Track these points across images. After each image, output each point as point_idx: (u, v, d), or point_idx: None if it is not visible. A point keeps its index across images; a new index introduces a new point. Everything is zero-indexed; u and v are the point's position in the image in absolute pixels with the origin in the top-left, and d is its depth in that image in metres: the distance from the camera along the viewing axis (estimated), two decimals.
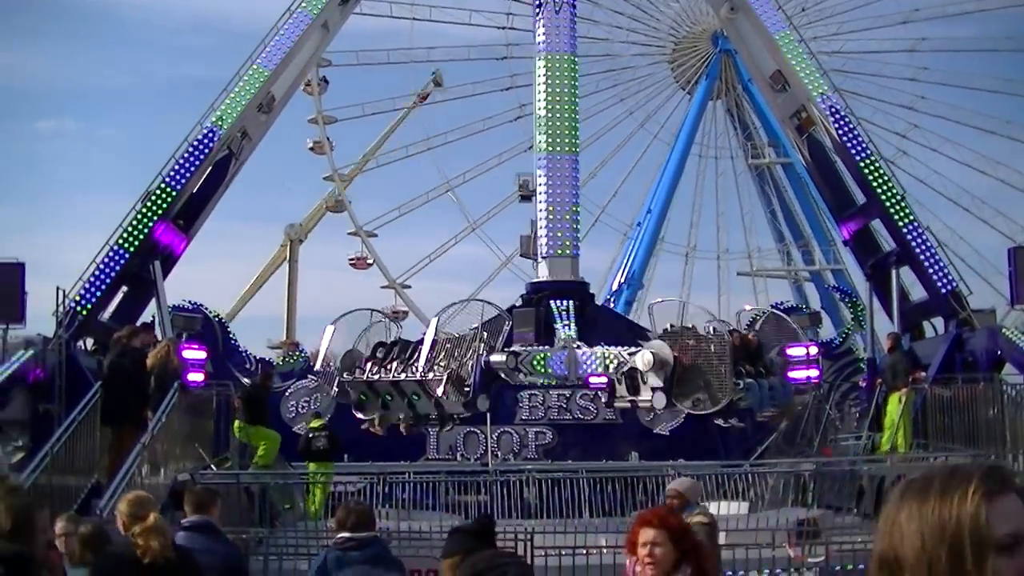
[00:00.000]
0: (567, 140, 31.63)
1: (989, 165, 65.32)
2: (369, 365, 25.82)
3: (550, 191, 31.12)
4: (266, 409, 25.13)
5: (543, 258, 31.84)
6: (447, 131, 66.47)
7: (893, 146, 63.22)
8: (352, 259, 66.94)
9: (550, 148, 31.34)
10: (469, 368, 24.12)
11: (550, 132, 31.35)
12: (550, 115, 31.46)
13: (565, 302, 30.20)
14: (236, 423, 24.23)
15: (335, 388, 26.21)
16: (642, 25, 68.22)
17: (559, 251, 31.27)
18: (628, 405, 25.49)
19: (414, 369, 24.56)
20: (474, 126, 66.93)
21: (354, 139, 78.56)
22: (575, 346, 25.43)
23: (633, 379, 21.99)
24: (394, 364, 25.34)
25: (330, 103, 64.78)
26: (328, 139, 64.44)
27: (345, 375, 25.99)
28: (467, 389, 24.06)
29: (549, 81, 31.55)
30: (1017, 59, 67.78)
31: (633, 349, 24.09)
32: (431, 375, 24.17)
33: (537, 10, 32.34)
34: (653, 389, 21.70)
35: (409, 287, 66.57)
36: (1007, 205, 66.17)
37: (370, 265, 65.99)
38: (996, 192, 66.30)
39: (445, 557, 7.47)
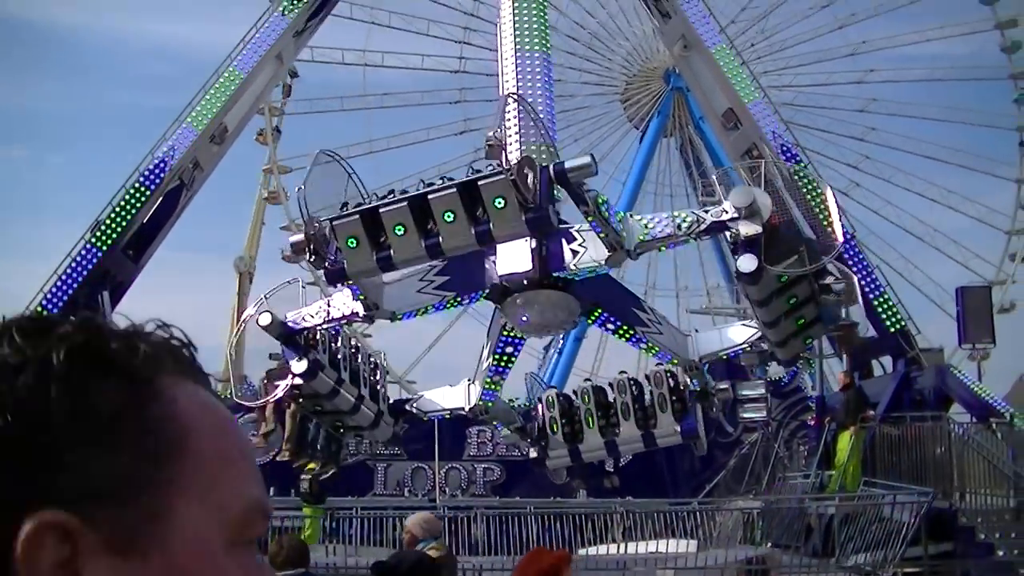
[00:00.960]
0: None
1: (941, 194, 65.81)
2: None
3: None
4: None
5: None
6: (403, 178, 66.12)
7: (846, 178, 63.68)
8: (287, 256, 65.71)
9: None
10: None
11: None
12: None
13: None
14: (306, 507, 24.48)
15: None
16: (594, 64, 68.39)
17: None
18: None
19: None
20: (429, 172, 66.68)
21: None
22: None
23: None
24: None
25: (284, 152, 64.63)
26: (283, 188, 64.08)
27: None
28: None
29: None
30: (964, 88, 68.65)
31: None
32: None
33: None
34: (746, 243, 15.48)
35: (414, 382, 65.95)
36: (960, 234, 66.74)
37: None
38: (949, 221, 66.88)
39: None
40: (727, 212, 14.61)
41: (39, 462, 1.28)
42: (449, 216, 14.04)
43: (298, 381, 16.02)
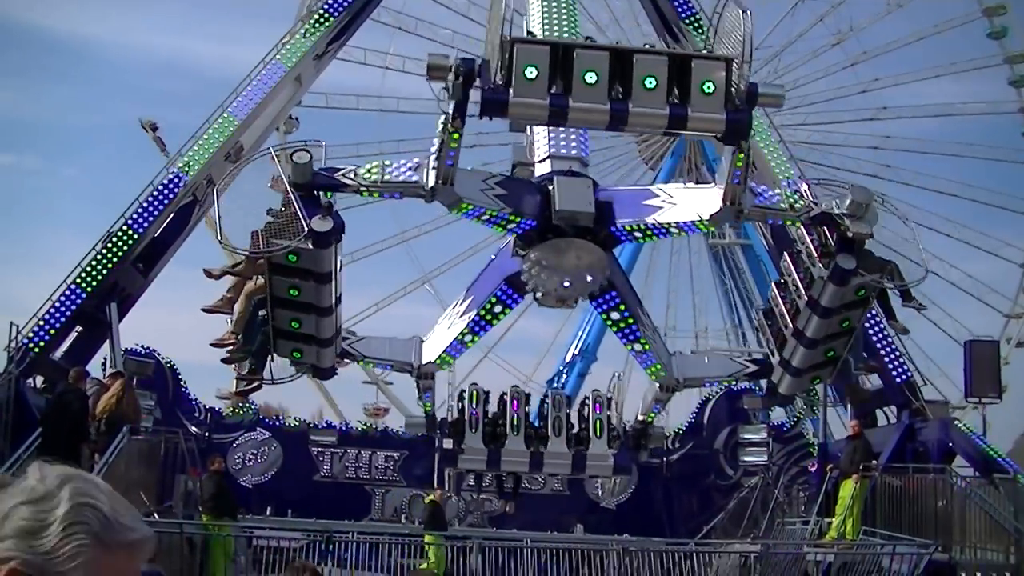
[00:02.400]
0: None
1: (942, 266, 65.52)
2: None
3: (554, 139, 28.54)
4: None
5: (539, 162, 28.75)
6: (422, 223, 66.44)
7: None
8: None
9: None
10: None
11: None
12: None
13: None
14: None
15: None
16: None
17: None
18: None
19: None
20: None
21: None
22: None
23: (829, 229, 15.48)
24: None
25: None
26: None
27: None
28: None
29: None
30: (976, 164, 68.59)
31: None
32: None
33: None
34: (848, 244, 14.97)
35: (391, 383, 65.89)
36: (956, 306, 66.70)
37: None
38: (946, 293, 66.84)
39: None
40: (841, 207, 14.07)
41: None
42: (651, 82, 12.51)
43: (305, 246, 13.43)
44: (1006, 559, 23.32)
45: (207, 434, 31.20)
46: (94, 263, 28.95)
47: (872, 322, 30.63)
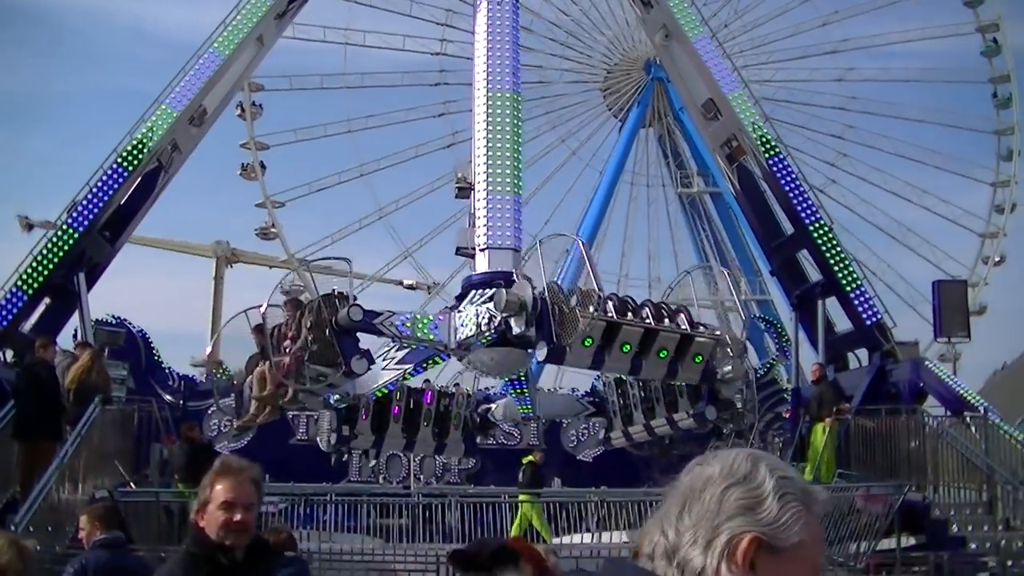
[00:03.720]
0: (509, 181, 31.03)
1: (916, 194, 66.09)
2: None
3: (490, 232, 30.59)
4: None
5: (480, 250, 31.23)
6: (380, 158, 66.25)
7: (823, 175, 63.79)
8: (258, 229, 65.61)
9: (491, 189, 30.50)
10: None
11: (491, 173, 30.51)
12: (492, 156, 30.39)
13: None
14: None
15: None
16: (575, 52, 68.32)
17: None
18: None
19: None
20: (406, 153, 66.81)
21: (287, 165, 78.21)
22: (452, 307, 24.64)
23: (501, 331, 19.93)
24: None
25: (262, 129, 64.40)
26: (261, 163, 63.96)
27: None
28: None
29: (491, 122, 30.64)
30: (943, 89, 68.93)
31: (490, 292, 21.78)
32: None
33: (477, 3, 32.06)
34: (521, 338, 19.35)
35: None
36: (934, 234, 67.03)
37: (275, 236, 65.12)
38: (923, 221, 67.20)
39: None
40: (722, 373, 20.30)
41: None
42: (663, 353, 18.70)
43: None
44: (979, 496, 23.50)
45: (181, 402, 31.13)
46: (60, 233, 28.81)
47: (841, 264, 30.78)
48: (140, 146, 30.13)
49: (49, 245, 28.56)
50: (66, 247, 28.63)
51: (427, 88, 66.01)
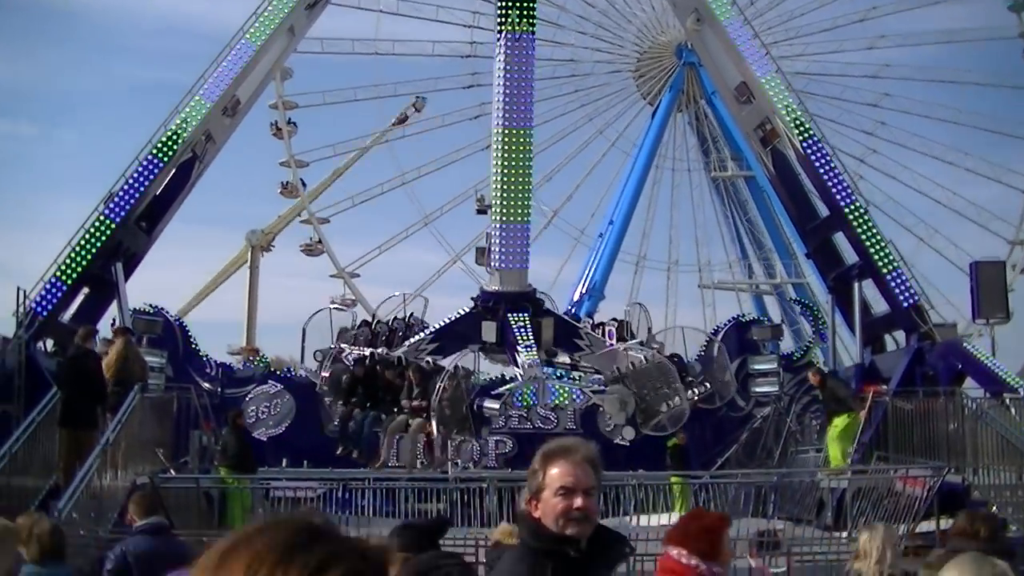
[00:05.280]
0: (520, 211, 32.68)
1: (944, 194, 65.72)
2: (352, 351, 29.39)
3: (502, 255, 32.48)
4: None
5: (496, 269, 33.00)
6: (419, 166, 66.99)
7: (852, 170, 63.36)
8: (304, 245, 66.84)
9: (504, 219, 32.43)
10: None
11: (504, 203, 32.34)
12: (505, 189, 32.40)
13: (522, 316, 31.70)
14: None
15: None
16: (608, 33, 68.30)
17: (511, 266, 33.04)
18: None
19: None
20: (433, 121, 67.50)
21: (315, 128, 78.74)
22: (544, 377, 28.92)
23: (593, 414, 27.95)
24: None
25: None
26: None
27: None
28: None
29: (506, 156, 32.34)
30: (977, 91, 68.28)
31: (597, 388, 29.13)
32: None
33: (497, 37, 32.91)
34: (617, 425, 27.82)
35: (358, 275, 66.81)
36: (960, 235, 66.60)
37: (322, 252, 66.12)
38: (950, 220, 66.70)
39: (400, 551, 7.38)
40: None
41: None
42: None
43: None
44: (1019, 478, 23.36)
45: (219, 389, 31.27)
46: (97, 224, 29.00)
47: (878, 246, 30.67)
48: (175, 137, 30.30)
49: (87, 236, 28.75)
50: (103, 238, 28.82)
51: (461, 92, 66.32)
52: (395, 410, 27.48)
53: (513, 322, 32.19)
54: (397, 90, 66.89)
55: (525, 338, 31.83)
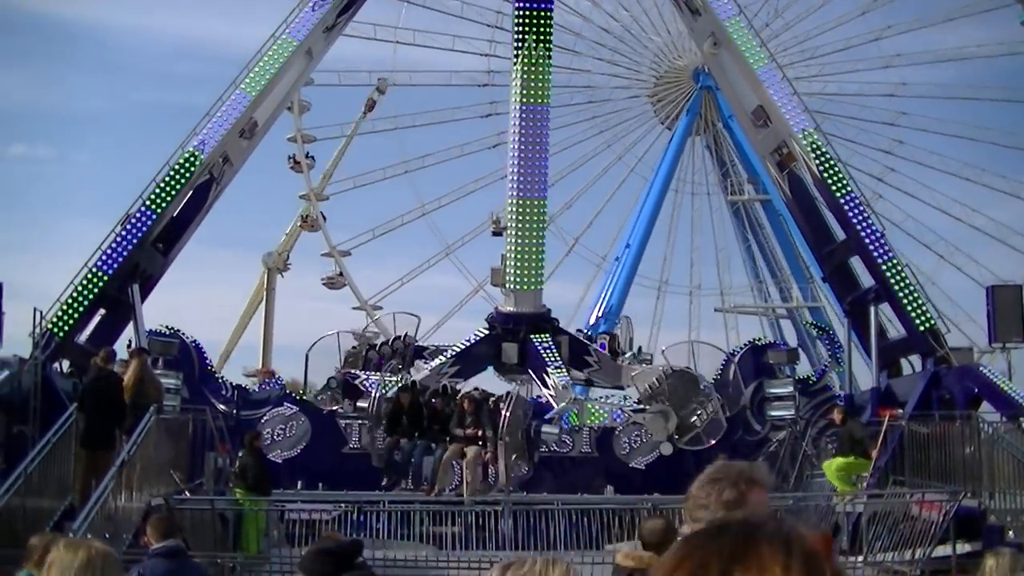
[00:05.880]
0: (535, 231, 32.83)
1: (964, 212, 65.59)
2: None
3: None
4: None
5: (512, 290, 33.15)
6: (425, 155, 66.83)
7: (870, 189, 63.40)
8: (326, 278, 66.92)
9: (518, 285, 32.56)
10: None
11: (518, 270, 32.58)
12: (519, 256, 32.66)
13: (545, 336, 31.85)
14: None
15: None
16: (624, 58, 68.44)
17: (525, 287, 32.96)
18: None
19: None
20: (452, 151, 67.33)
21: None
22: (582, 398, 30.00)
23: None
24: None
25: (310, 122, 65.14)
26: (309, 155, 64.76)
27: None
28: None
29: (520, 226, 32.64)
30: (994, 108, 68.25)
31: (638, 406, 30.28)
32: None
33: (514, 60, 33.13)
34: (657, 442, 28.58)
35: (380, 308, 66.75)
36: (980, 252, 66.45)
37: (344, 285, 66.20)
38: (970, 238, 66.57)
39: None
40: None
41: None
42: None
43: None
44: None
45: (235, 411, 31.31)
46: (114, 245, 29.09)
47: (894, 269, 30.63)
48: (192, 159, 30.41)
49: (103, 257, 28.83)
50: (120, 259, 28.91)
51: (474, 88, 66.35)
52: (447, 439, 27.22)
53: (538, 342, 32.28)
54: (415, 120, 66.95)
55: (554, 358, 31.90)
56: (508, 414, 26.76)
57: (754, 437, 31.56)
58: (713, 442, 29.62)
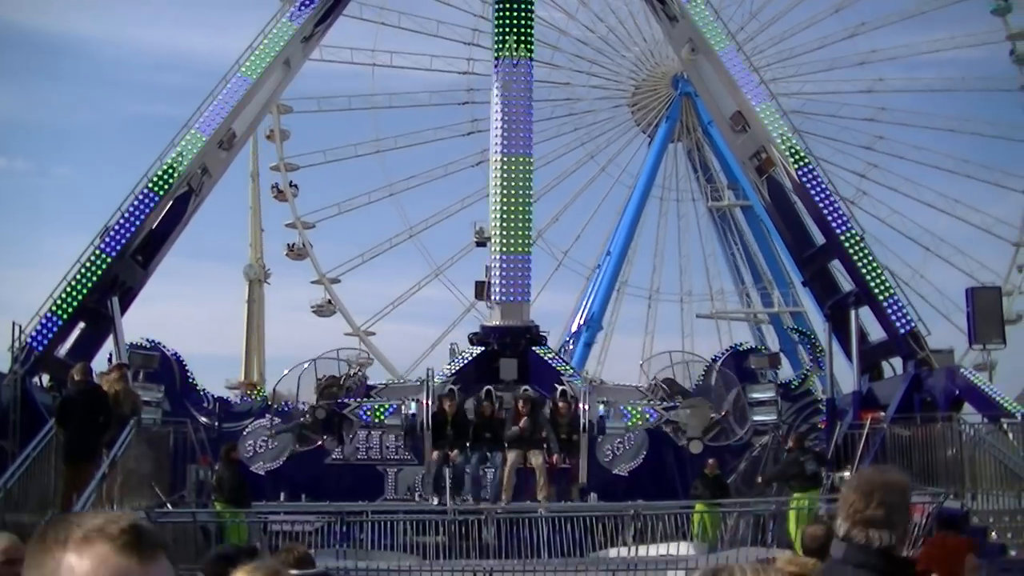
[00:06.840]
0: (521, 241, 32.51)
1: (948, 204, 65.81)
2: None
3: (504, 288, 32.27)
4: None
5: (497, 304, 32.69)
6: (409, 176, 66.73)
7: (853, 186, 63.74)
8: (315, 306, 66.54)
9: (504, 250, 32.16)
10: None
11: (505, 234, 32.15)
12: (506, 218, 32.19)
13: (546, 348, 32.91)
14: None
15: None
16: (603, 68, 68.48)
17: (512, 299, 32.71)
18: None
19: None
20: (436, 171, 67.21)
21: (317, 186, 78.58)
22: (614, 401, 29.16)
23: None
24: None
25: (292, 150, 65.05)
26: (292, 183, 64.54)
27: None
28: None
29: (505, 184, 32.20)
30: (973, 99, 68.70)
31: (670, 404, 29.69)
32: None
33: (495, 70, 33.02)
34: (690, 439, 28.22)
35: (374, 334, 66.53)
36: (966, 243, 66.72)
37: (334, 312, 65.93)
38: (955, 231, 66.86)
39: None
40: None
41: None
42: None
43: None
44: (1018, 503, 23.34)
45: (217, 423, 31.21)
46: (93, 258, 28.97)
47: (874, 273, 30.69)
48: (171, 171, 30.32)
49: (82, 270, 28.72)
50: (99, 272, 28.79)
51: (455, 107, 66.44)
52: (504, 445, 26.43)
53: (543, 355, 32.31)
54: (397, 142, 66.92)
55: (565, 367, 31.83)
56: (587, 406, 26.56)
57: (737, 442, 31.56)
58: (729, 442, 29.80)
